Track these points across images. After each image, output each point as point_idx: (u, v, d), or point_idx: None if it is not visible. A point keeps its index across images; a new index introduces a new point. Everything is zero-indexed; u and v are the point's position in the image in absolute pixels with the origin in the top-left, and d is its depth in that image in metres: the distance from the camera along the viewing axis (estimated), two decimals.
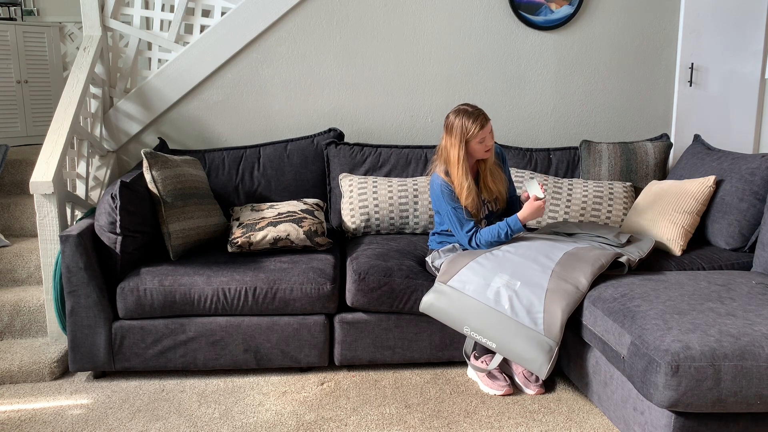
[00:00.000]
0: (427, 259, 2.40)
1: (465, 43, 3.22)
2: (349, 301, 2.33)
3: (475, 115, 2.24)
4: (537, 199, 2.22)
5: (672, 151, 3.25)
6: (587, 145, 3.09)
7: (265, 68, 3.16)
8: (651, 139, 3.18)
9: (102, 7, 3.03)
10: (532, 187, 2.24)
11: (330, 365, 2.41)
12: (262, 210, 2.65)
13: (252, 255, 2.47)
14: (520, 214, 2.23)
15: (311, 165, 3.02)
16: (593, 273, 2.10)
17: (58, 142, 2.51)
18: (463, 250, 2.35)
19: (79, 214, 2.71)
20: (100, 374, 2.35)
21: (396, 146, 3.07)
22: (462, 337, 2.34)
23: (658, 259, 2.42)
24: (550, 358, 1.97)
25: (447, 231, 2.42)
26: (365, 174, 3.00)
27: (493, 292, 2.07)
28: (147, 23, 3.32)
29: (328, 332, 2.34)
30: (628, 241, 2.42)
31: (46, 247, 2.41)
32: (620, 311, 1.86)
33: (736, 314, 1.75)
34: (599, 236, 2.41)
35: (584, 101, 3.35)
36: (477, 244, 2.30)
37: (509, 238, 2.28)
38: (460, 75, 3.25)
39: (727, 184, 2.58)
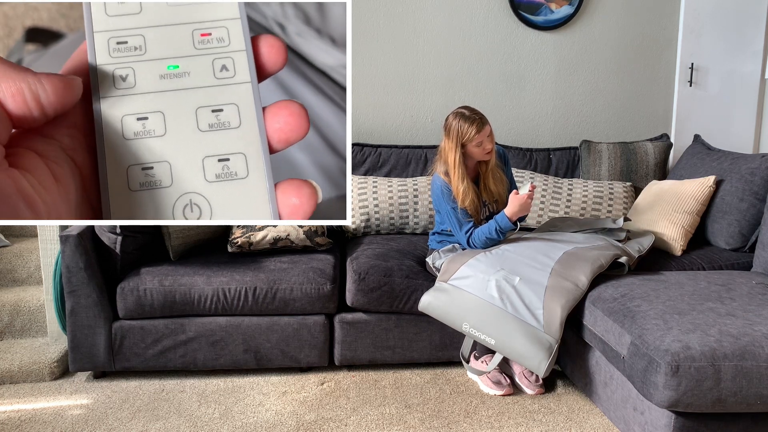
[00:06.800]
0: (427, 259, 2.40)
1: (465, 43, 3.22)
2: (349, 301, 2.33)
3: (472, 118, 2.23)
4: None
5: (672, 151, 3.25)
6: (587, 145, 3.09)
7: None
8: (651, 139, 3.18)
9: None
10: (522, 187, 2.25)
11: (330, 365, 2.41)
12: None
13: (252, 255, 2.47)
14: (506, 210, 2.23)
15: None
16: (593, 271, 2.10)
17: None
18: (463, 249, 2.35)
19: None
20: (100, 374, 2.35)
21: (396, 146, 3.08)
22: (462, 337, 2.34)
23: (658, 259, 2.42)
24: (549, 355, 1.97)
25: (447, 230, 2.42)
26: (365, 174, 3.00)
27: (492, 288, 2.08)
28: None
29: (328, 332, 2.34)
30: (627, 238, 2.42)
31: (46, 247, 2.41)
32: (620, 311, 1.86)
33: (736, 314, 1.75)
34: (599, 230, 2.42)
35: (584, 101, 3.35)
36: (474, 244, 2.30)
37: (502, 236, 2.27)
38: (460, 75, 3.25)
39: (727, 184, 2.58)
